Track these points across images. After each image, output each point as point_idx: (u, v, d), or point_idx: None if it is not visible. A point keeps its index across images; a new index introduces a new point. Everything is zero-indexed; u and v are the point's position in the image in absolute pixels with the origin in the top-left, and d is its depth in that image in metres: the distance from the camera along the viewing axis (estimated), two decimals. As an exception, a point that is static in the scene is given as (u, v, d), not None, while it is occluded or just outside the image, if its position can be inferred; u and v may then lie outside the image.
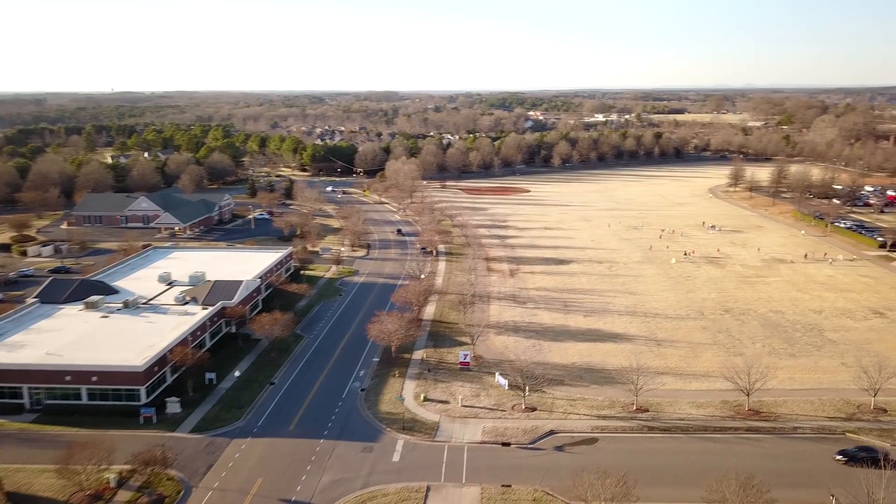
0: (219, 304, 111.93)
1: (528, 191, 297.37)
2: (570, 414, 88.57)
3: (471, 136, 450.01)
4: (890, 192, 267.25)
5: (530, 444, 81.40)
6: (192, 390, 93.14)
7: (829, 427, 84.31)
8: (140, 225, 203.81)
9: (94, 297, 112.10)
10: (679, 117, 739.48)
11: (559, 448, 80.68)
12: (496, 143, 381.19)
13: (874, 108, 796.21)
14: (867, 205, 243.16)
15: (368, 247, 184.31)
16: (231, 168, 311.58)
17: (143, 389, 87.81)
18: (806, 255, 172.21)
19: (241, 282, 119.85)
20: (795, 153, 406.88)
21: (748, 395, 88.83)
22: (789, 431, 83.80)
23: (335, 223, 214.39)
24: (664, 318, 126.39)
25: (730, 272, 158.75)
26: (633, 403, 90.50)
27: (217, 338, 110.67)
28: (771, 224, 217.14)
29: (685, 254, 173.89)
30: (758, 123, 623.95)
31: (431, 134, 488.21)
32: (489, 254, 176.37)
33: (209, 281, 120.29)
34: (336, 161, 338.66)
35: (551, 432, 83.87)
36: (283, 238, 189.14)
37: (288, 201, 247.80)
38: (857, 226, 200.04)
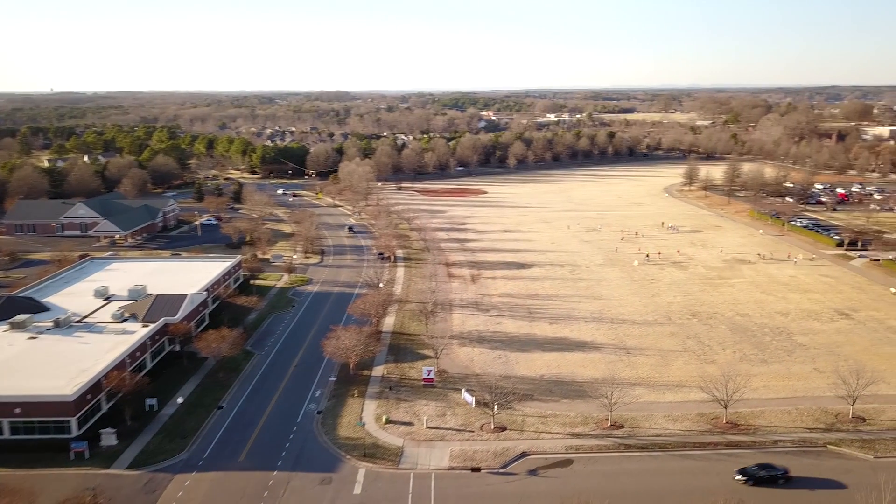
0: (161, 321, 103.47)
1: (486, 192, 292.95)
2: (542, 433, 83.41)
3: (425, 136, 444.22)
4: (840, 190, 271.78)
5: (502, 468, 75.91)
6: (131, 419, 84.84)
7: (809, 440, 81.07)
8: (77, 233, 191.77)
9: (20, 317, 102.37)
10: (629, 117, 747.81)
11: (533, 472, 75.40)
12: (451, 143, 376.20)
13: (813, 107, 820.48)
14: (819, 203, 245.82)
15: (322, 253, 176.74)
16: (177, 171, 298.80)
17: (73, 421, 79.25)
18: (762, 256, 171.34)
19: (186, 295, 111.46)
20: (745, 151, 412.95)
21: (726, 408, 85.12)
22: (770, 445, 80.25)
23: (287, 228, 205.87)
24: (632, 325, 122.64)
25: (693, 274, 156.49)
26: (606, 419, 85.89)
27: (159, 358, 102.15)
28: (728, 223, 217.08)
29: (647, 256, 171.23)
30: (706, 122, 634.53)
31: (385, 134, 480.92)
32: (449, 259, 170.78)
33: (151, 295, 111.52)
34: (287, 163, 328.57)
35: (523, 454, 78.56)
36: (231, 245, 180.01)
37: (237, 206, 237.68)
38: (813, 224, 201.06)
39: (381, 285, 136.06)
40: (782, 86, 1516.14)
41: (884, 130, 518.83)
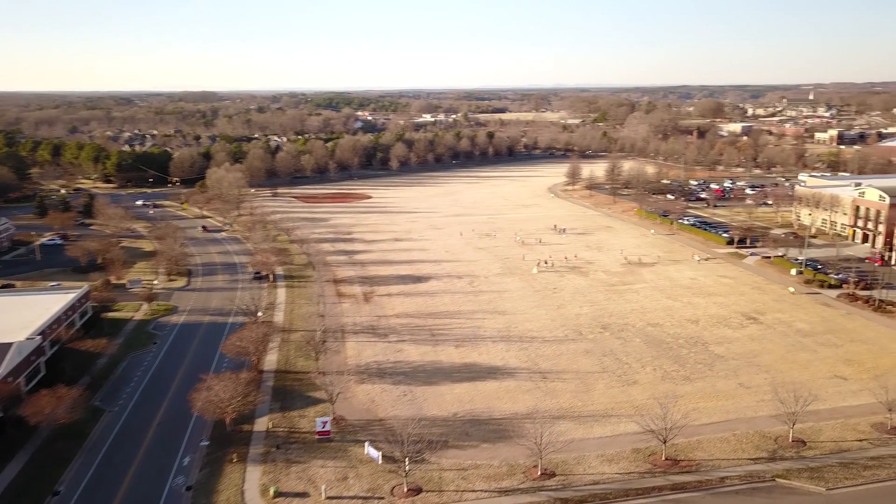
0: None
1: (370, 196, 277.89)
2: (464, 492, 70.61)
3: (301, 137, 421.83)
4: (714, 186, 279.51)
5: (423, 547, 62.44)
6: (-74, 525, 63.92)
7: (757, 473, 73.31)
8: None
9: None
10: (503, 116, 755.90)
11: (460, 548, 62.44)
12: (329, 145, 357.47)
13: (671, 105, 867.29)
14: (699, 199, 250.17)
15: (189, 274, 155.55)
16: (15, 183, 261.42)
17: None
18: (659, 258, 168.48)
19: (12, 344, 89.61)
20: (618, 149, 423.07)
21: (664, 443, 76.04)
22: (717, 484, 71.76)
23: (147, 246, 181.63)
24: (542, 342, 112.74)
25: (595, 280, 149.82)
26: (536, 467, 74.42)
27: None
28: (618, 224, 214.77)
29: (545, 262, 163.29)
30: (576, 121, 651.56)
31: (257, 136, 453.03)
32: (337, 275, 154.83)
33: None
34: (147, 170, 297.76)
35: (447, 524, 65.47)
36: (79, 270, 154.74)
37: (87, 221, 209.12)
38: (700, 222, 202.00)
39: (259, 314, 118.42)
40: (639, 85, 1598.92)
41: (736, 127, 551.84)
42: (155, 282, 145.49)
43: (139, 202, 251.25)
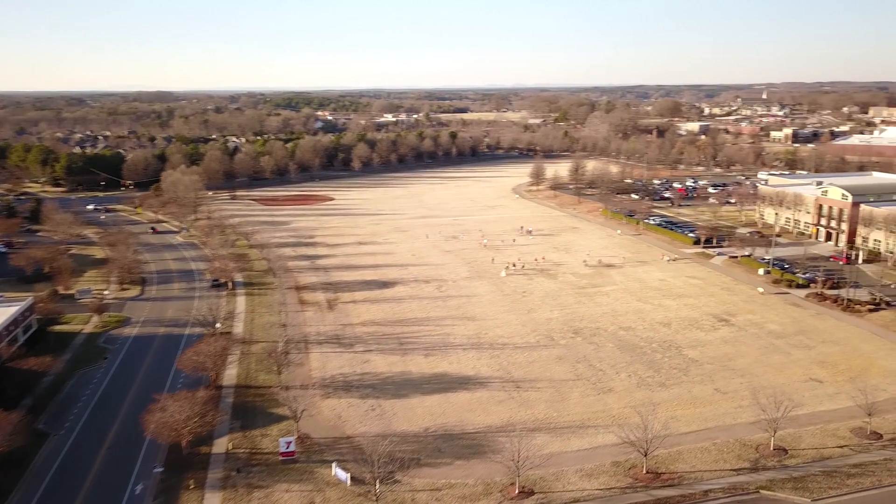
0: None
1: (332, 198, 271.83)
2: (439, 515, 66.75)
3: (260, 138, 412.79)
4: (677, 185, 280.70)
5: (396, 578, 58.35)
6: None
7: (741, 485, 71.01)
8: None
9: None
10: (465, 116, 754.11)
11: (437, 578, 58.53)
12: (289, 145, 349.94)
13: (629, 104, 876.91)
14: (663, 199, 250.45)
15: (143, 282, 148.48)
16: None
17: None
18: (625, 259, 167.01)
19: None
20: (580, 148, 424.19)
21: (645, 455, 73.28)
22: (700, 498, 69.26)
23: (99, 253, 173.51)
24: (514, 349, 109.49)
25: (564, 283, 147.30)
26: (513, 484, 70.95)
27: None
28: (584, 224, 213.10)
29: (514, 265, 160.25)
30: (537, 121, 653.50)
31: (214, 137, 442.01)
32: (300, 281, 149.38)
33: None
34: (99, 173, 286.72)
35: (422, 552, 61.51)
36: (24, 279, 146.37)
37: (34, 227, 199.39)
38: (666, 222, 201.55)
39: (217, 325, 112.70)
40: (598, 85, 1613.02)
41: (694, 126, 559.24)
42: (106, 291, 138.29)
43: (90, 207, 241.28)
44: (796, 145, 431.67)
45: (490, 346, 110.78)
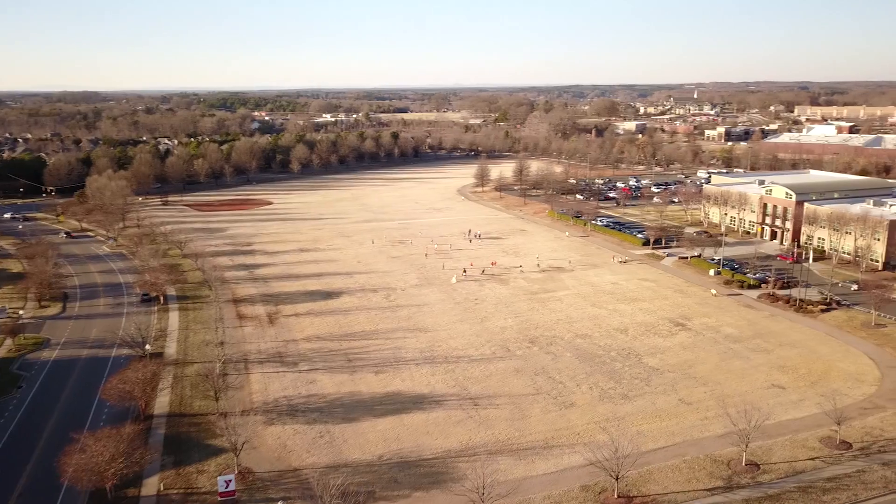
0: None
1: (271, 202, 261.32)
2: (399, 557, 60.64)
3: (193, 140, 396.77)
4: (621, 185, 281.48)
5: None
6: None
7: (717, 507, 67.44)
8: None
9: None
10: (406, 116, 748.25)
11: None
12: (225, 147, 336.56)
13: (567, 104, 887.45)
14: (608, 199, 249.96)
15: (65, 298, 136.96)
16: None
17: None
18: (570, 262, 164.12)
19: None
20: (521, 148, 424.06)
21: (617, 479, 68.89)
22: (676, 523, 65.26)
23: (15, 266, 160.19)
24: (469, 362, 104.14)
25: (516, 289, 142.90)
26: (478, 518, 65.42)
27: None
28: (532, 226, 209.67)
29: (464, 271, 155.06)
30: (478, 121, 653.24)
31: (144, 139, 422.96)
32: (237, 293, 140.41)
33: None
34: (17, 179, 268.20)
35: None
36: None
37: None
38: (614, 223, 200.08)
39: (147, 346, 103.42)
40: (535, 85, 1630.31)
41: (630, 125, 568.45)
42: (21, 311, 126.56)
43: (7, 215, 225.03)
44: (730, 143, 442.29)
45: (444, 360, 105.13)
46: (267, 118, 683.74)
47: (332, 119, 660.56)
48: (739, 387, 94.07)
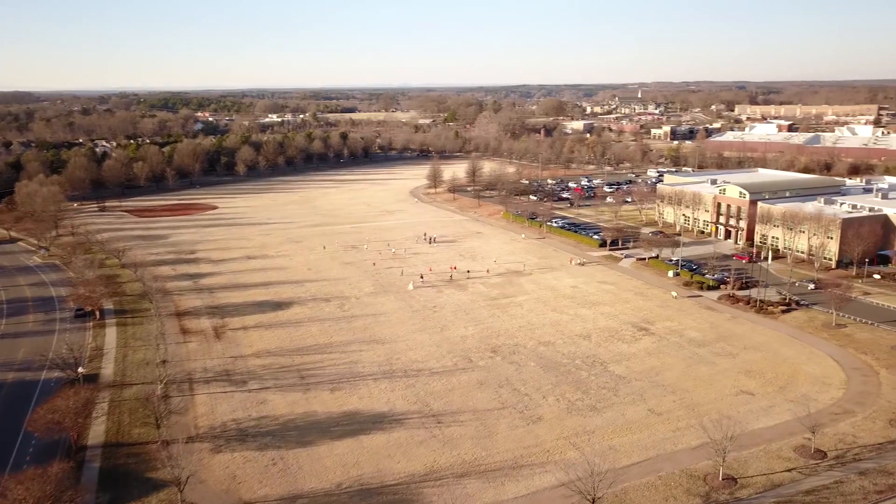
0: None
1: (216, 207, 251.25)
2: None
3: (132, 142, 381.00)
4: (574, 185, 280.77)
5: None
6: None
7: (697, 528, 64.20)
8: None
9: None
10: (354, 116, 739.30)
11: None
12: (166, 149, 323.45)
13: (515, 104, 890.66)
14: (561, 199, 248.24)
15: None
16: None
17: None
18: (523, 265, 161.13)
19: None
20: (472, 148, 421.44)
21: (593, 502, 65.09)
22: (657, 548, 61.71)
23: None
24: (430, 375, 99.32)
25: (475, 294, 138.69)
26: (448, 551, 60.69)
27: None
28: (487, 229, 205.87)
29: (422, 276, 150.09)
30: (427, 121, 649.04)
31: (81, 141, 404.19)
32: (180, 306, 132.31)
33: None
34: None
35: None
36: None
37: None
38: (569, 224, 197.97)
39: (81, 369, 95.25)
40: (482, 85, 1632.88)
41: (578, 124, 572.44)
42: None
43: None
44: (676, 142, 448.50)
45: (404, 374, 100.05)
46: (211, 119, 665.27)
47: (279, 119, 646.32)
48: (708, 394, 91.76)
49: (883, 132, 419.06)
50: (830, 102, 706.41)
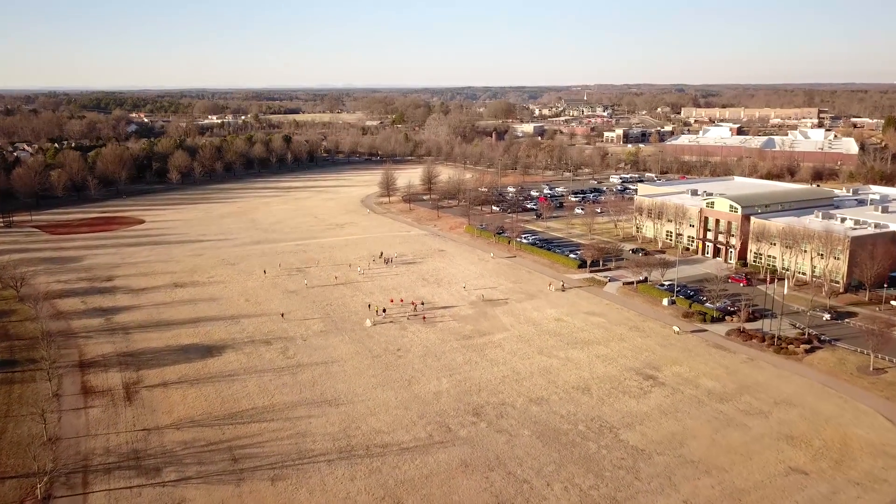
0: None
1: (143, 221, 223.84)
2: None
3: (53, 145, 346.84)
4: (536, 193, 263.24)
5: None
6: None
7: None
8: None
9: None
10: (298, 117, 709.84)
11: None
12: (90, 155, 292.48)
13: (463, 106, 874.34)
14: (526, 210, 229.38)
15: None
16: None
17: None
18: (490, 292, 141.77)
19: None
20: (423, 152, 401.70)
21: None
22: None
23: None
24: (399, 454, 78.29)
25: (445, 332, 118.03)
26: None
27: None
28: (451, 246, 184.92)
29: (383, 310, 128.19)
30: (374, 123, 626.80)
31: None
32: (86, 353, 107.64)
33: None
34: None
35: None
36: None
37: None
38: (540, 241, 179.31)
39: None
40: (427, 86, 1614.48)
41: (528, 127, 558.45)
42: None
43: None
44: (630, 146, 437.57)
45: (366, 452, 78.73)
46: (146, 120, 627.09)
47: (219, 121, 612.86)
48: (751, 474, 73.42)
49: (835, 135, 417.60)
50: (771, 105, 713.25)
